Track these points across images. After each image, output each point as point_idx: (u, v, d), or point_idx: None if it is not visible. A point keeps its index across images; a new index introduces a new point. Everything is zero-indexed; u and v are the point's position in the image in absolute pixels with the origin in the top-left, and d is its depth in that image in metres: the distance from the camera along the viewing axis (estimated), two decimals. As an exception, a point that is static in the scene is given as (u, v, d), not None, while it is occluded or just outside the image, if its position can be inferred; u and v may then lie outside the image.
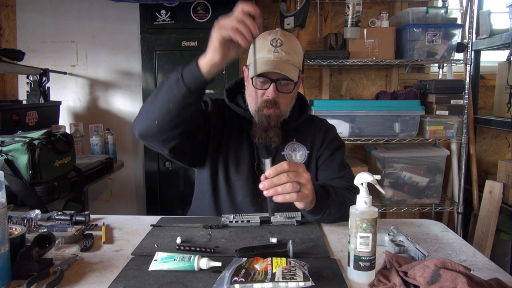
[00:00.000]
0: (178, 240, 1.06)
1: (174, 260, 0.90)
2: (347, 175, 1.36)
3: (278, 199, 0.99)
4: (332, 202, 1.15)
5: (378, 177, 0.90)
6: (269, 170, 0.99)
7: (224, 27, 1.03)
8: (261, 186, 0.99)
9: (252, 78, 1.29)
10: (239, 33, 1.01)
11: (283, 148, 1.37)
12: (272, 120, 1.28)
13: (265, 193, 0.99)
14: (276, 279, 0.80)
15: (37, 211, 1.19)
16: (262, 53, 1.28)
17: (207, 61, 1.05)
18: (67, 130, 2.58)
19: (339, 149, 1.42)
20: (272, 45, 1.27)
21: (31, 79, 2.54)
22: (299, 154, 1.37)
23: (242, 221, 1.19)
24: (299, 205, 1.09)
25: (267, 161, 1.03)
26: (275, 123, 1.29)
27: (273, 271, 0.83)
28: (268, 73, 1.25)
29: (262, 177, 1.00)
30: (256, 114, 1.31)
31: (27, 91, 2.58)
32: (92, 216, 1.27)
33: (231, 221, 1.19)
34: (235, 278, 0.81)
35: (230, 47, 1.05)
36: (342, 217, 1.21)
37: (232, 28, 1.02)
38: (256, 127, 1.31)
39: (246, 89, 1.38)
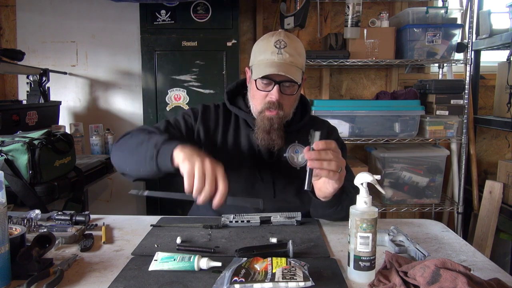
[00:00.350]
0: (178, 240, 1.06)
1: (174, 260, 0.90)
2: (349, 178, 1.36)
3: (322, 173, 1.03)
4: (346, 198, 1.17)
5: (378, 177, 0.90)
6: (318, 142, 1.03)
7: (188, 171, 0.99)
8: (307, 155, 1.02)
9: (255, 80, 1.28)
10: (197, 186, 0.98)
11: (285, 150, 1.36)
12: (275, 123, 1.28)
13: (309, 163, 1.02)
14: (276, 279, 0.80)
15: (37, 211, 1.19)
16: (266, 55, 1.27)
17: (178, 162, 1.03)
18: (67, 130, 2.59)
19: (342, 152, 1.41)
20: (276, 46, 1.27)
21: (31, 79, 2.54)
22: (300, 156, 1.36)
23: (242, 221, 1.19)
24: (323, 190, 1.11)
25: (317, 133, 1.07)
26: (278, 126, 1.28)
27: (273, 271, 0.83)
28: (272, 75, 1.25)
29: (306, 149, 1.04)
30: (259, 116, 1.30)
31: (27, 91, 2.58)
32: (92, 216, 1.27)
33: (231, 221, 1.19)
34: (235, 278, 0.81)
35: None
36: (346, 216, 1.21)
37: (192, 179, 0.98)
38: (258, 129, 1.30)
39: (249, 90, 1.37)
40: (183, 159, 1.01)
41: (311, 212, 1.27)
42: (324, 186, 1.11)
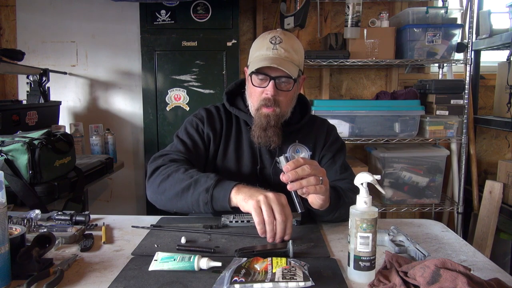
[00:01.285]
0: (183, 240, 1.06)
1: (174, 260, 0.90)
2: (349, 177, 1.36)
3: (305, 190, 1.02)
4: (343, 204, 1.18)
5: (378, 177, 0.90)
6: (287, 164, 1.01)
7: (257, 212, 1.02)
8: (284, 178, 1.01)
9: (251, 76, 1.28)
10: (262, 226, 1.02)
11: (286, 150, 1.36)
12: (271, 119, 1.27)
13: (289, 186, 1.01)
14: (276, 279, 0.80)
15: (37, 211, 1.19)
16: (261, 51, 1.28)
17: (238, 204, 1.08)
18: (67, 130, 2.58)
19: (341, 151, 1.42)
20: (271, 42, 1.27)
21: (31, 79, 2.54)
22: (301, 155, 1.36)
23: (242, 221, 1.19)
24: (315, 203, 1.11)
25: (282, 158, 1.06)
26: (274, 123, 1.27)
27: (273, 271, 0.83)
28: (267, 70, 1.25)
29: (281, 175, 1.03)
30: (256, 113, 1.30)
31: (27, 91, 2.58)
32: (92, 216, 1.27)
33: (231, 221, 1.19)
34: (235, 278, 0.81)
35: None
36: (346, 218, 1.21)
37: (262, 219, 1.01)
38: (255, 126, 1.30)
39: (247, 89, 1.37)
40: (245, 199, 1.05)
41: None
42: (313, 199, 1.11)
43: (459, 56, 2.65)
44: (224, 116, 1.40)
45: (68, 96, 2.88)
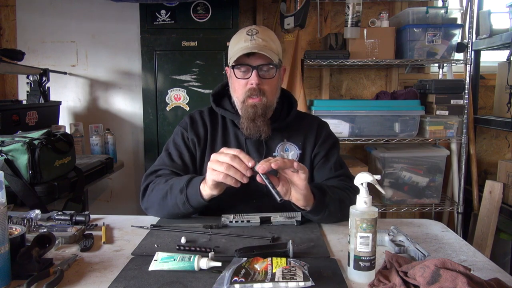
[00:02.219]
0: (183, 240, 1.06)
1: (174, 260, 0.90)
2: (344, 174, 1.36)
3: (274, 165, 1.02)
4: (330, 201, 1.16)
5: (378, 177, 0.90)
6: (258, 167, 1.05)
7: (215, 172, 1.08)
8: (259, 169, 1.04)
9: (233, 70, 1.29)
10: (230, 177, 1.06)
11: (275, 149, 1.36)
12: (259, 109, 1.27)
13: (260, 170, 1.04)
14: (276, 279, 0.80)
15: (37, 211, 1.19)
16: (239, 44, 1.29)
17: (208, 194, 1.14)
18: (67, 130, 2.58)
19: (334, 147, 1.41)
20: (248, 34, 1.29)
21: (31, 79, 2.54)
22: (291, 154, 1.36)
23: (242, 221, 1.19)
24: (298, 197, 1.11)
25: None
26: (262, 112, 1.28)
27: (273, 271, 0.83)
28: (248, 60, 1.26)
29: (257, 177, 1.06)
30: (242, 106, 1.30)
31: (27, 91, 2.58)
32: (92, 216, 1.27)
33: (231, 221, 1.19)
34: (235, 278, 0.81)
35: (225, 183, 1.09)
36: (343, 217, 1.21)
37: (222, 173, 1.07)
38: (243, 118, 1.30)
39: (230, 85, 1.37)
40: (210, 186, 1.11)
41: None
42: (294, 196, 1.11)
43: (459, 56, 2.65)
44: (208, 119, 1.41)
45: (68, 96, 2.88)
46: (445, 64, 2.73)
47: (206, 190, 1.13)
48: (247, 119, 1.29)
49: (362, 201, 0.87)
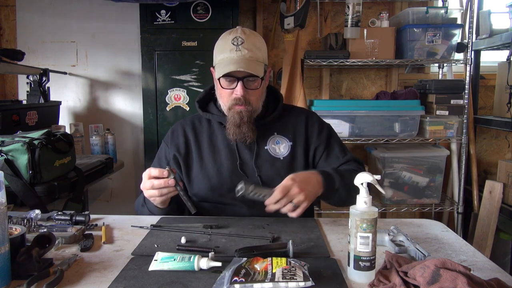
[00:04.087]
0: (183, 240, 1.06)
1: (174, 260, 0.90)
2: (351, 158, 1.41)
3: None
4: (340, 187, 1.23)
5: (378, 177, 0.90)
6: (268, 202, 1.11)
7: (144, 191, 1.21)
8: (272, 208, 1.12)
9: (219, 80, 1.31)
10: (153, 197, 1.20)
11: (266, 143, 1.38)
12: (244, 116, 1.30)
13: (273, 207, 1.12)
14: (276, 279, 0.80)
15: (37, 211, 1.19)
16: (225, 54, 1.30)
17: (156, 206, 1.28)
18: (67, 130, 2.58)
19: (331, 136, 1.44)
20: (233, 44, 1.29)
21: (31, 79, 2.54)
22: (282, 146, 1.39)
23: (259, 196, 1.14)
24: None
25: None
26: (248, 119, 1.31)
27: (273, 271, 0.83)
28: (234, 72, 1.27)
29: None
30: (229, 112, 1.33)
31: (27, 91, 2.58)
32: (92, 216, 1.27)
33: (249, 193, 1.14)
34: (235, 278, 0.81)
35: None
36: (352, 200, 1.22)
37: (147, 194, 1.20)
38: (229, 124, 1.33)
39: (216, 90, 1.39)
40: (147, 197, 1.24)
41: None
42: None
43: (459, 56, 2.64)
44: (190, 128, 1.43)
45: (68, 96, 2.88)
46: (445, 64, 2.73)
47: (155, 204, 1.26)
48: (233, 125, 1.32)
49: (362, 201, 0.87)
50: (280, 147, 1.38)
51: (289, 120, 1.43)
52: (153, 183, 1.15)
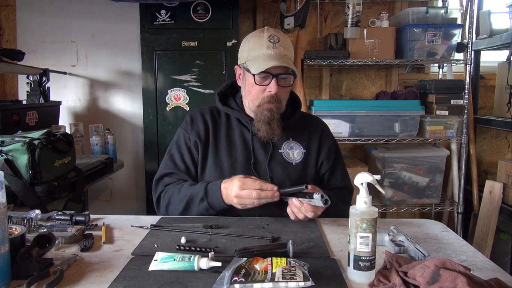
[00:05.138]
0: (183, 240, 1.06)
1: (174, 260, 0.90)
2: (347, 185, 1.46)
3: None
4: (330, 213, 1.29)
5: (378, 177, 0.90)
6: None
7: (245, 202, 1.20)
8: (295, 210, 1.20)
9: (253, 75, 1.31)
10: (249, 205, 1.21)
11: (281, 146, 1.40)
12: (275, 113, 1.33)
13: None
14: (276, 279, 0.80)
15: (37, 211, 1.19)
16: (261, 51, 1.31)
17: (229, 203, 1.25)
18: (67, 130, 2.58)
19: (339, 154, 1.49)
20: (270, 41, 1.31)
21: (31, 79, 2.54)
22: (296, 152, 1.41)
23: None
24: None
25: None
26: (277, 115, 1.34)
27: (273, 271, 0.83)
28: (270, 68, 1.28)
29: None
30: (258, 109, 1.34)
31: (27, 91, 2.58)
32: (92, 216, 1.27)
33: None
34: (235, 278, 0.81)
35: None
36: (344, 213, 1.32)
37: (253, 203, 1.20)
38: (259, 122, 1.34)
39: (243, 87, 1.40)
40: (231, 197, 1.21)
41: None
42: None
43: (459, 56, 2.64)
44: (210, 117, 1.44)
45: (68, 96, 2.88)
46: (445, 64, 2.73)
47: (229, 201, 1.23)
48: (263, 122, 1.33)
49: (362, 201, 0.87)
50: (294, 153, 1.40)
51: (305, 128, 1.46)
52: (260, 195, 1.18)
